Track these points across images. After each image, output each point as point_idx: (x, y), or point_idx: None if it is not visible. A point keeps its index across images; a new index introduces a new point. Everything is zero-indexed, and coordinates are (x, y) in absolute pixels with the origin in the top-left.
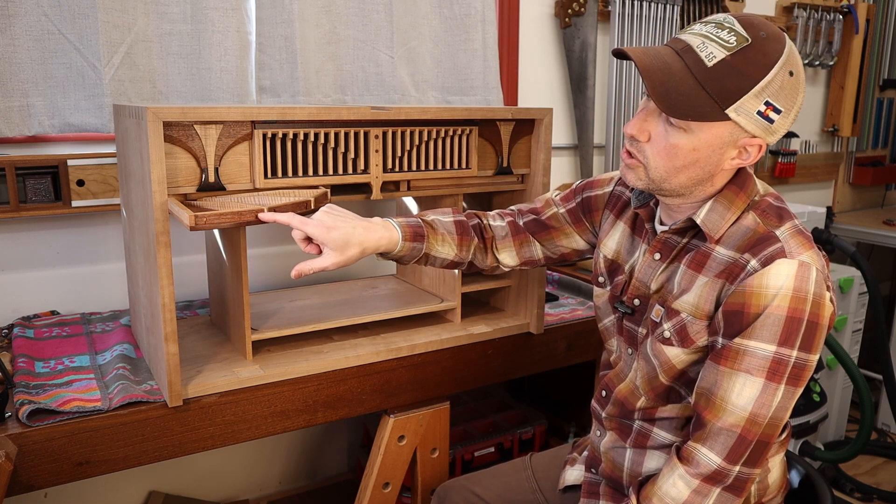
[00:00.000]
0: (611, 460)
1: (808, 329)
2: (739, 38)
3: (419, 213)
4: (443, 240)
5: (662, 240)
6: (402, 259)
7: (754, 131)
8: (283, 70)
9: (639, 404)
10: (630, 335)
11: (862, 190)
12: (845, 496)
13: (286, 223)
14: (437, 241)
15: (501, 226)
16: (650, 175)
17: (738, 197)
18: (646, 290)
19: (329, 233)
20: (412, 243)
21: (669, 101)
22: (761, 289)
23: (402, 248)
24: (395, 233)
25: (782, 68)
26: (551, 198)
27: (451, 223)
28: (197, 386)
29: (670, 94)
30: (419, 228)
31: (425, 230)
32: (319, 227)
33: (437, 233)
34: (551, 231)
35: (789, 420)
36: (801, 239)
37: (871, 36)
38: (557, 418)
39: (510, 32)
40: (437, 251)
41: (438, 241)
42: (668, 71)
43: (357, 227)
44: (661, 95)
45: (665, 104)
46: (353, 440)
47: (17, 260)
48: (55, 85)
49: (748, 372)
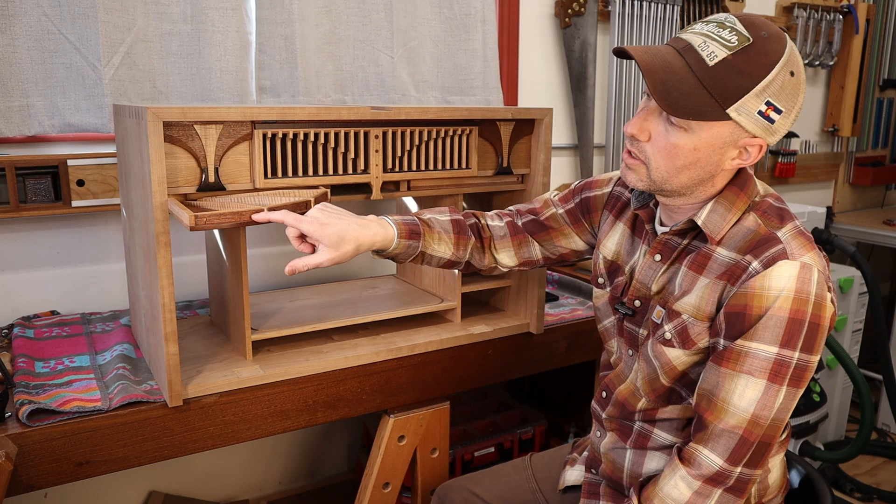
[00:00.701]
0: (611, 461)
1: (809, 330)
2: (741, 38)
3: (416, 212)
4: (439, 238)
5: (663, 241)
6: (398, 257)
7: (755, 131)
8: (283, 70)
9: (639, 405)
10: (631, 336)
11: (862, 190)
12: (845, 496)
13: (280, 221)
14: (434, 240)
15: (500, 226)
16: (651, 175)
17: (739, 198)
18: (646, 292)
19: (323, 229)
20: (408, 241)
21: (671, 100)
22: (763, 290)
23: (397, 246)
24: (391, 230)
25: (783, 68)
26: (550, 198)
27: (447, 222)
28: (197, 386)
29: (671, 92)
30: (415, 226)
31: (421, 228)
32: (314, 223)
33: (434, 231)
34: (550, 231)
35: (789, 420)
36: (803, 240)
37: (871, 36)
38: (557, 418)
39: (510, 32)
40: (433, 249)
41: (435, 239)
42: (670, 70)
43: (352, 223)
44: (662, 94)
45: (666, 103)
46: (353, 440)
47: (17, 260)
48: (55, 85)
49: (750, 373)
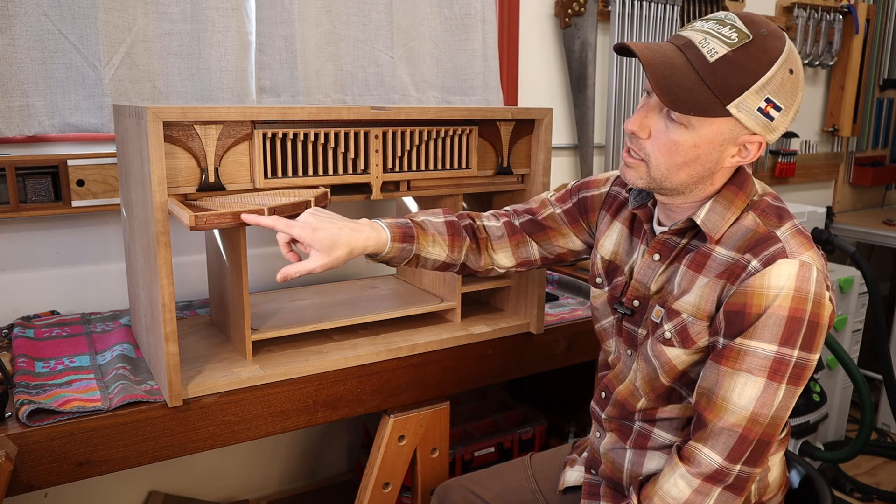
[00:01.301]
0: (611, 461)
1: (808, 329)
2: (741, 35)
3: (408, 215)
4: (433, 240)
5: (662, 241)
6: (392, 261)
7: (754, 128)
8: (283, 70)
9: (639, 405)
10: (630, 336)
11: (862, 190)
12: (845, 496)
13: (270, 226)
14: (428, 242)
15: (497, 226)
16: (651, 173)
17: (738, 197)
18: (645, 292)
19: (315, 234)
20: (401, 244)
21: (672, 95)
22: (763, 289)
23: (391, 249)
24: (384, 233)
25: (783, 65)
26: (547, 198)
27: (441, 224)
28: (197, 386)
29: (673, 87)
30: (408, 229)
31: (415, 230)
32: (305, 228)
33: (428, 233)
34: (548, 231)
35: (789, 419)
36: (802, 239)
37: (871, 36)
38: (557, 418)
39: (510, 32)
40: (427, 252)
41: (429, 241)
42: (671, 65)
43: (343, 227)
44: (663, 88)
45: (667, 97)
46: (353, 440)
47: (17, 260)
48: (55, 85)
49: (749, 372)
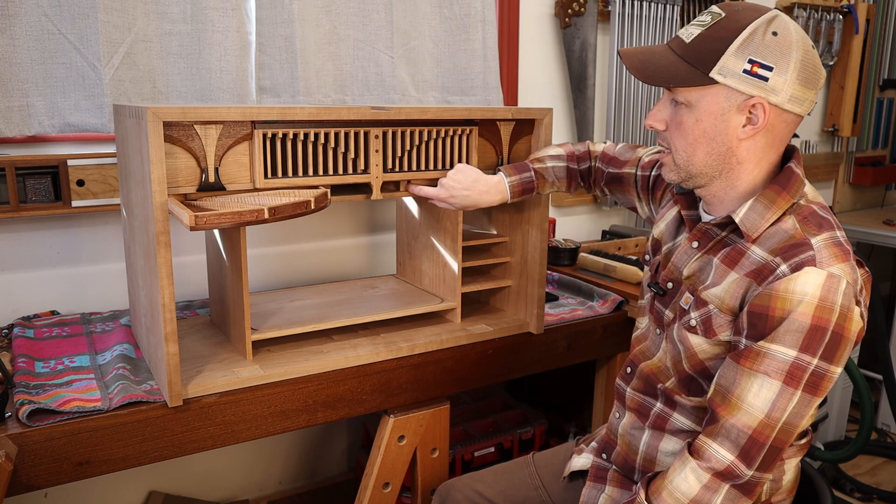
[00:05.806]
0: (627, 443)
1: (832, 339)
2: (714, 16)
3: (534, 157)
4: (552, 185)
5: (703, 229)
6: None
7: (750, 91)
8: (283, 70)
9: (667, 384)
10: (658, 316)
11: (862, 190)
12: (845, 496)
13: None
14: (546, 187)
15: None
16: (676, 161)
17: (781, 196)
18: (678, 275)
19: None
20: (520, 197)
21: (648, 73)
22: (787, 293)
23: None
24: (506, 194)
25: (759, 28)
26: (641, 156)
27: (563, 169)
28: (197, 386)
29: (648, 67)
30: (529, 184)
31: (535, 182)
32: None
33: (548, 182)
34: (624, 187)
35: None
36: (837, 251)
37: (871, 36)
38: (557, 418)
39: (510, 32)
40: (545, 192)
41: (547, 187)
42: (650, 52)
43: (471, 195)
44: (638, 68)
45: (644, 75)
46: (353, 440)
47: (17, 260)
48: (55, 85)
49: (766, 374)
